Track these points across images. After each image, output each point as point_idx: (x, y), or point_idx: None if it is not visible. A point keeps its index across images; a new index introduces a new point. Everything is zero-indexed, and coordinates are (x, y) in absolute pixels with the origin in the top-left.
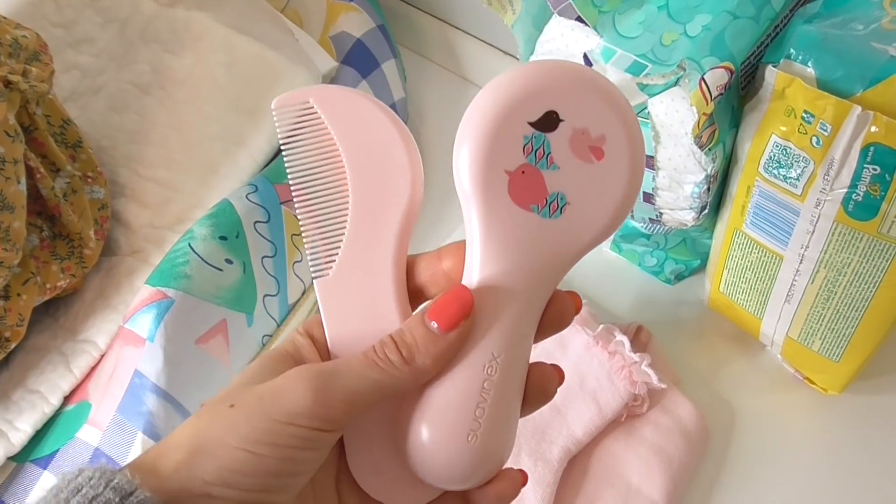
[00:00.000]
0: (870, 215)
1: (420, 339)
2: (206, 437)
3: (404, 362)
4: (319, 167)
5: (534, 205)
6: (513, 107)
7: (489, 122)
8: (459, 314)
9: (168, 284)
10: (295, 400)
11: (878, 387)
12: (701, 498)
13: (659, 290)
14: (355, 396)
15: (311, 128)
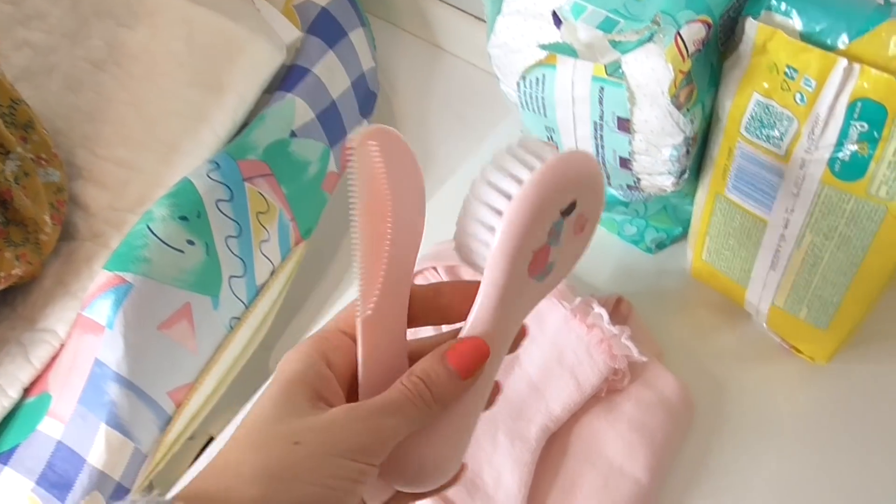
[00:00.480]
0: (857, 175)
1: (445, 383)
2: (280, 474)
3: (434, 402)
4: (374, 211)
5: (538, 274)
6: (554, 200)
7: (534, 214)
8: (478, 365)
9: (126, 269)
10: (356, 439)
11: (865, 355)
12: (686, 473)
13: (639, 260)
14: (399, 433)
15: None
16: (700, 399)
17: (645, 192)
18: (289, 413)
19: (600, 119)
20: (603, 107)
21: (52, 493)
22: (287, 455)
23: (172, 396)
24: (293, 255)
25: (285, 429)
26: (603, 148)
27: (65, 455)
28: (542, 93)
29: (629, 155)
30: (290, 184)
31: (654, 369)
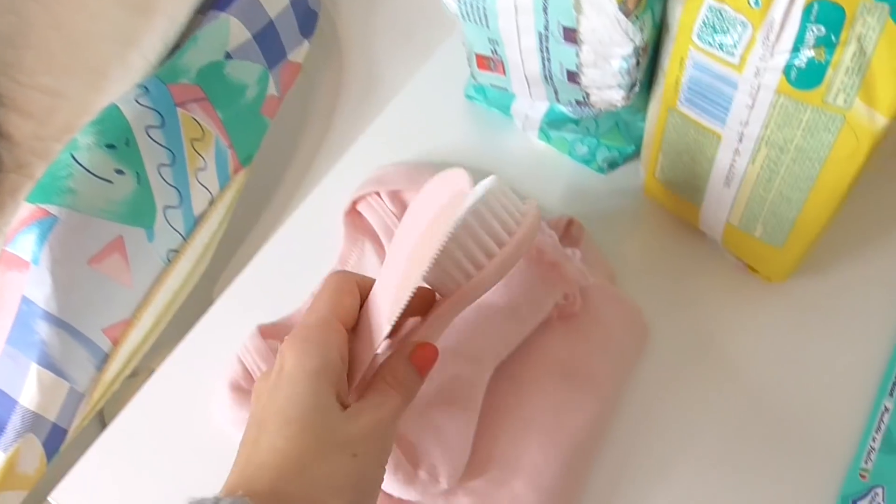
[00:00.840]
0: (814, 83)
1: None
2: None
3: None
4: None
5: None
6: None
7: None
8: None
9: (50, 201)
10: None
11: (822, 274)
12: (641, 397)
13: (591, 180)
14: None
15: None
16: (654, 322)
17: (595, 108)
18: (329, 414)
19: (545, 29)
20: (548, 16)
21: None
22: (352, 469)
23: (108, 334)
24: (233, 184)
25: (340, 438)
26: (549, 61)
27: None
28: (483, 1)
29: (577, 68)
30: (226, 109)
31: (607, 293)
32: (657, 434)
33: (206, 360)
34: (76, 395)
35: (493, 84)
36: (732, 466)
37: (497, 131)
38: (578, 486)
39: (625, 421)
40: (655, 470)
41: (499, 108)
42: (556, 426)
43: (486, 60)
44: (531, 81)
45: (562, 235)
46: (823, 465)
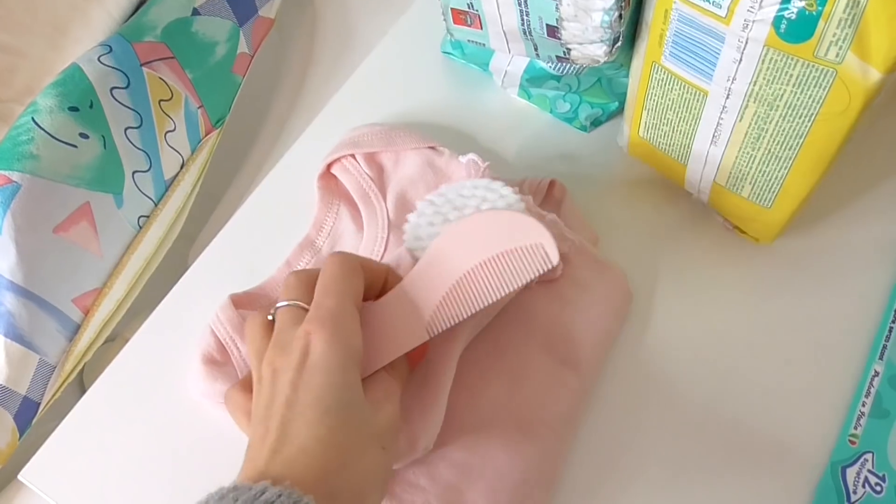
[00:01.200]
0: (805, 36)
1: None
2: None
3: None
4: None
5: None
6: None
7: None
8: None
9: (10, 167)
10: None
11: (811, 234)
12: (625, 363)
13: (573, 139)
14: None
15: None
16: (638, 286)
17: (576, 64)
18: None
19: None
20: None
21: None
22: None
23: (78, 303)
24: (204, 146)
25: (373, 431)
26: (528, 15)
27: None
28: None
29: (557, 22)
30: (195, 68)
31: (590, 257)
32: (641, 400)
33: (182, 328)
34: (47, 367)
35: (470, 39)
36: (718, 432)
37: (475, 88)
38: (562, 454)
39: (608, 387)
40: (640, 436)
41: (477, 65)
42: (539, 393)
43: (463, 15)
44: (509, 36)
45: (544, 197)
46: (813, 431)
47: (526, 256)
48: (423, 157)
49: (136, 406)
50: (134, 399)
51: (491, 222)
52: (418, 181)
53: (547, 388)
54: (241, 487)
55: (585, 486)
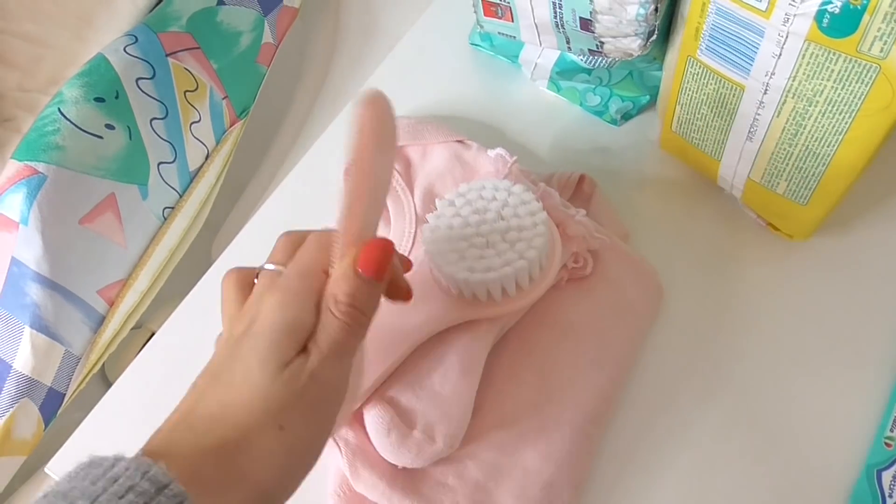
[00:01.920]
0: (848, 30)
1: (368, 295)
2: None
3: (366, 317)
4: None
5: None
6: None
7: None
8: (387, 264)
9: (37, 158)
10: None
11: (847, 231)
12: (657, 361)
13: (604, 133)
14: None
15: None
16: (669, 282)
17: (609, 57)
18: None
19: None
20: None
21: None
22: (276, 447)
23: (103, 295)
24: (229, 137)
25: (268, 407)
26: (561, 7)
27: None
28: None
29: (590, 15)
30: (219, 58)
31: (620, 253)
32: (673, 399)
33: (208, 320)
34: (72, 358)
35: (500, 32)
36: (750, 432)
37: (504, 81)
38: (591, 453)
39: (639, 386)
40: (672, 435)
41: (506, 57)
42: (568, 393)
43: (493, 7)
44: (541, 29)
45: (574, 191)
46: (848, 433)
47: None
48: (451, 151)
49: (163, 398)
50: (160, 391)
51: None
52: (446, 175)
53: (576, 387)
54: (95, 461)
55: (614, 486)
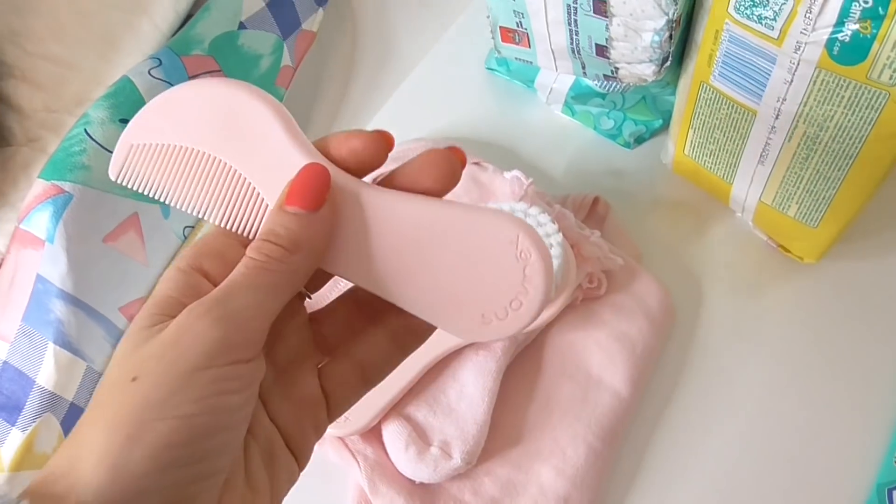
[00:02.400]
0: (858, 58)
1: (295, 226)
2: (118, 424)
3: (290, 253)
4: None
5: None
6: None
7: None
8: (322, 189)
9: (63, 177)
10: (203, 340)
11: (858, 253)
12: (668, 383)
13: (617, 156)
14: (261, 310)
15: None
16: (681, 303)
17: (623, 83)
18: (138, 343)
19: (574, 1)
20: None
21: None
22: (125, 398)
23: (124, 312)
24: None
25: (118, 367)
26: (577, 34)
27: (12, 376)
28: None
29: (606, 41)
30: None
31: (633, 273)
32: (683, 418)
33: None
34: (94, 374)
35: (517, 57)
36: (761, 452)
37: (519, 105)
38: (605, 471)
39: (651, 405)
40: (683, 454)
41: (521, 81)
42: (582, 411)
43: (511, 33)
44: (557, 55)
45: (588, 213)
46: (857, 452)
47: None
48: (468, 173)
49: None
50: None
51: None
52: (462, 196)
53: (589, 405)
54: None
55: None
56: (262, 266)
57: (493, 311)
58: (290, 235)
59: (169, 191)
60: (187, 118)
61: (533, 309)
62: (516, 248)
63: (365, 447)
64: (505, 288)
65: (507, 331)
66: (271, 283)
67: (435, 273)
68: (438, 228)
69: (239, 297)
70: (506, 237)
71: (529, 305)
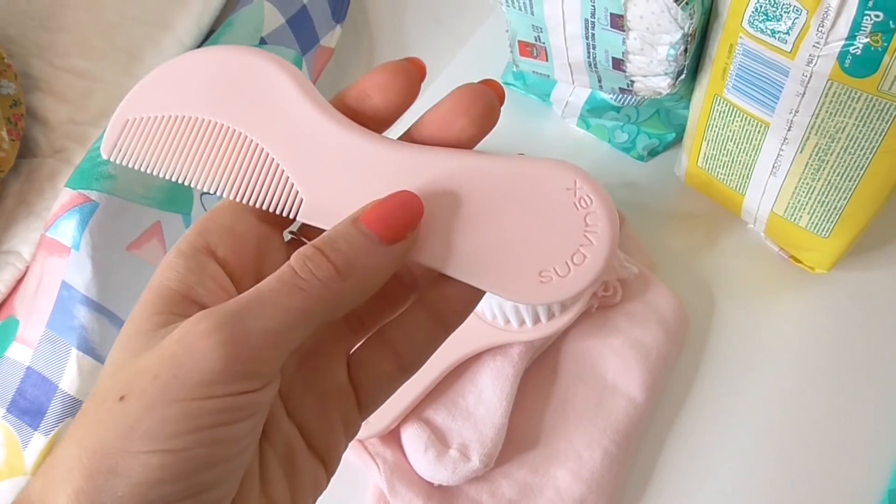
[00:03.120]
0: (869, 71)
1: (360, 248)
2: (101, 452)
3: (340, 277)
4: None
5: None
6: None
7: None
8: (409, 226)
9: (90, 186)
10: (203, 365)
11: (869, 263)
12: (682, 389)
13: (631, 168)
14: (279, 338)
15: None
16: (694, 312)
17: (638, 96)
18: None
19: (591, 16)
20: (594, 2)
21: (23, 419)
22: (109, 421)
23: None
24: None
25: (108, 378)
26: (594, 48)
27: (35, 381)
28: None
29: (623, 55)
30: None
31: (648, 282)
32: (698, 425)
33: None
34: None
35: (534, 71)
36: (774, 459)
37: (535, 118)
38: (620, 475)
39: (665, 412)
40: (696, 461)
41: (537, 95)
42: (598, 416)
43: (529, 47)
44: (574, 68)
45: None
46: (870, 458)
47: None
48: None
49: None
50: None
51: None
52: None
53: (605, 410)
54: None
55: None
56: (299, 284)
57: (552, 268)
58: (348, 255)
59: (173, 165)
60: (192, 87)
61: (599, 261)
62: (574, 195)
63: (384, 450)
64: (564, 240)
65: (569, 290)
66: (303, 308)
67: (481, 231)
68: (482, 182)
69: (259, 317)
70: (561, 184)
71: (595, 258)
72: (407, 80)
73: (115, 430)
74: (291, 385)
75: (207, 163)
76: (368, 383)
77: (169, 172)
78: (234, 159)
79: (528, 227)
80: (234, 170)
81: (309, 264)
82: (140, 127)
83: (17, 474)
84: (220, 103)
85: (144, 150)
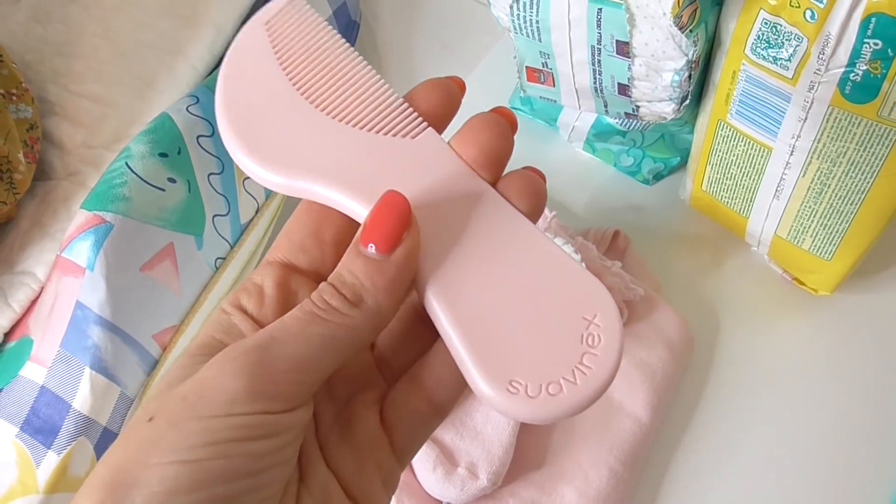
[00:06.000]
0: (869, 97)
1: (361, 273)
2: (124, 467)
3: (352, 305)
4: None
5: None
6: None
7: None
8: (400, 227)
9: (105, 208)
10: (226, 386)
11: (871, 285)
12: (686, 409)
13: (636, 192)
14: (303, 363)
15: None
16: (699, 334)
17: (644, 121)
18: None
19: (598, 43)
20: (601, 29)
21: (36, 438)
22: (136, 439)
23: (158, 339)
24: (278, 193)
25: (149, 406)
26: (601, 74)
27: (49, 400)
28: (536, 16)
29: (628, 81)
30: None
31: (653, 304)
32: (703, 445)
33: None
34: (126, 400)
35: (541, 96)
36: (779, 479)
37: (541, 142)
38: (626, 494)
39: (670, 431)
40: (701, 480)
41: (544, 120)
42: (604, 436)
43: (537, 73)
44: (581, 94)
45: (608, 246)
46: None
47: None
48: None
49: None
50: None
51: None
52: None
53: (610, 430)
54: None
55: None
56: (316, 314)
57: (525, 384)
58: (353, 285)
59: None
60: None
61: (568, 407)
62: (586, 328)
63: None
64: (551, 365)
65: (529, 413)
66: (324, 335)
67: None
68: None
69: (282, 346)
70: (581, 310)
71: (567, 401)
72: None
73: (139, 445)
74: (328, 435)
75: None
76: (402, 425)
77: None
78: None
79: (528, 329)
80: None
81: (324, 296)
82: (294, 13)
83: (29, 493)
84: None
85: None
